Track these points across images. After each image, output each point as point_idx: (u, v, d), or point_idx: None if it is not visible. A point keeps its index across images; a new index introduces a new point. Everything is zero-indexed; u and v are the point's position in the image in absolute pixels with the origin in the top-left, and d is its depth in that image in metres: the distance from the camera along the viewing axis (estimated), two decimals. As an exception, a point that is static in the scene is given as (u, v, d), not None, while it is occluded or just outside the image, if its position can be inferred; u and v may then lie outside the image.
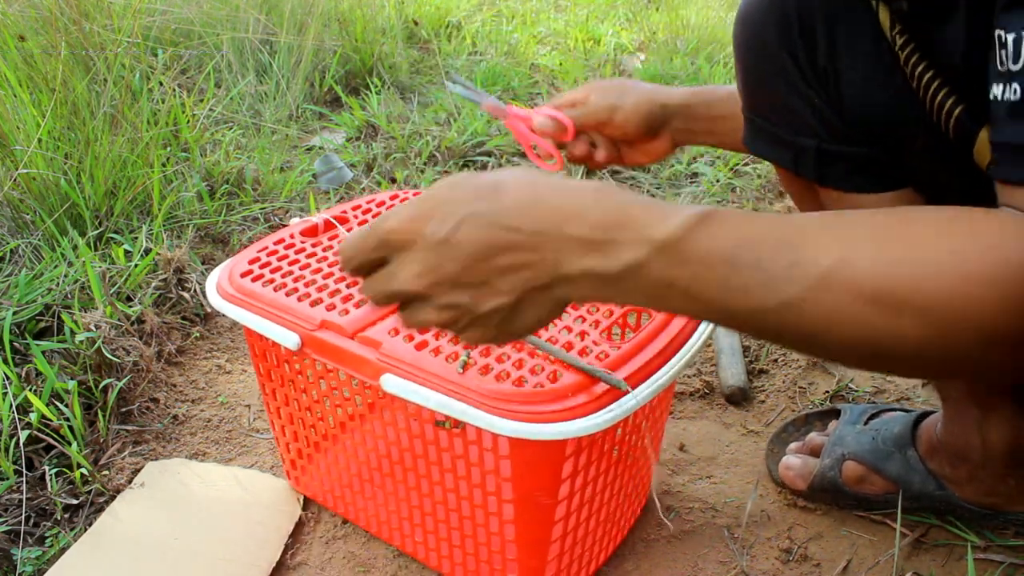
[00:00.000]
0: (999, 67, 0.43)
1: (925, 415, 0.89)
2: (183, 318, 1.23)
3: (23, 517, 0.88)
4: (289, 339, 0.72)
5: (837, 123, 0.67)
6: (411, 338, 0.68)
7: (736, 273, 0.41)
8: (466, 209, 0.43)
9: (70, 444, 0.95)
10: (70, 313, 1.07)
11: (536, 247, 0.42)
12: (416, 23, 2.49)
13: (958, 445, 0.83)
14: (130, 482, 0.94)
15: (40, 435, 0.94)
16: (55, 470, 0.93)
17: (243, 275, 0.78)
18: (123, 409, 1.05)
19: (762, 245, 0.41)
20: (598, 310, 0.74)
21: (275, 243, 0.84)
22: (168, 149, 1.51)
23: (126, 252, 1.24)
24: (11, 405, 0.94)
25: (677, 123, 0.84)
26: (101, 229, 1.31)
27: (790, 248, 0.41)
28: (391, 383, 0.65)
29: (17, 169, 1.24)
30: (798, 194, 0.79)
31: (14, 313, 1.08)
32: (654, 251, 0.41)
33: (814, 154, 0.69)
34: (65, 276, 1.17)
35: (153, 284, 1.21)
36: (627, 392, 0.62)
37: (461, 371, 0.63)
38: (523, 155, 1.87)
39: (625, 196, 0.43)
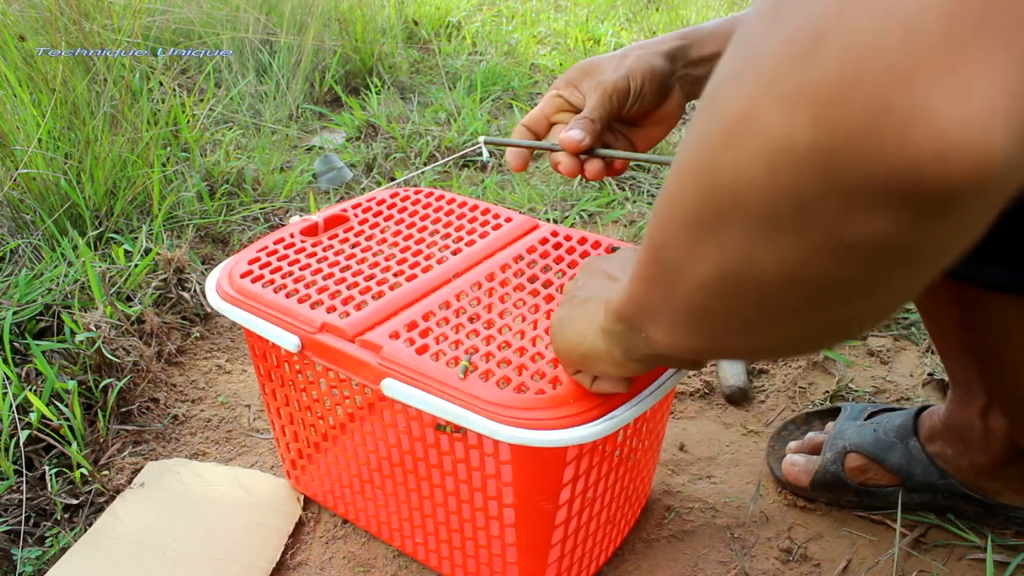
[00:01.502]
0: None
1: (926, 407, 0.89)
2: (183, 318, 1.23)
3: (23, 517, 0.88)
4: (289, 342, 0.71)
5: None
6: (412, 342, 0.68)
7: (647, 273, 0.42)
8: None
9: (70, 444, 0.95)
10: (70, 313, 1.07)
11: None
12: (416, 23, 2.49)
13: (960, 426, 0.83)
14: (130, 482, 0.94)
15: (40, 435, 0.94)
16: (55, 470, 0.93)
17: (243, 275, 0.78)
18: (123, 409, 1.05)
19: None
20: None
21: (275, 243, 0.84)
22: (168, 149, 1.51)
23: (126, 252, 1.24)
24: (11, 405, 0.94)
25: (680, 70, 0.71)
26: (101, 229, 1.31)
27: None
28: (392, 388, 0.65)
29: (17, 169, 1.24)
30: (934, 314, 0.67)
31: (14, 313, 1.08)
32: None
33: None
34: (65, 276, 1.17)
35: (153, 284, 1.21)
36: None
37: (462, 376, 0.63)
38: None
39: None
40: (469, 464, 0.69)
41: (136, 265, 1.21)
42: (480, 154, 0.76)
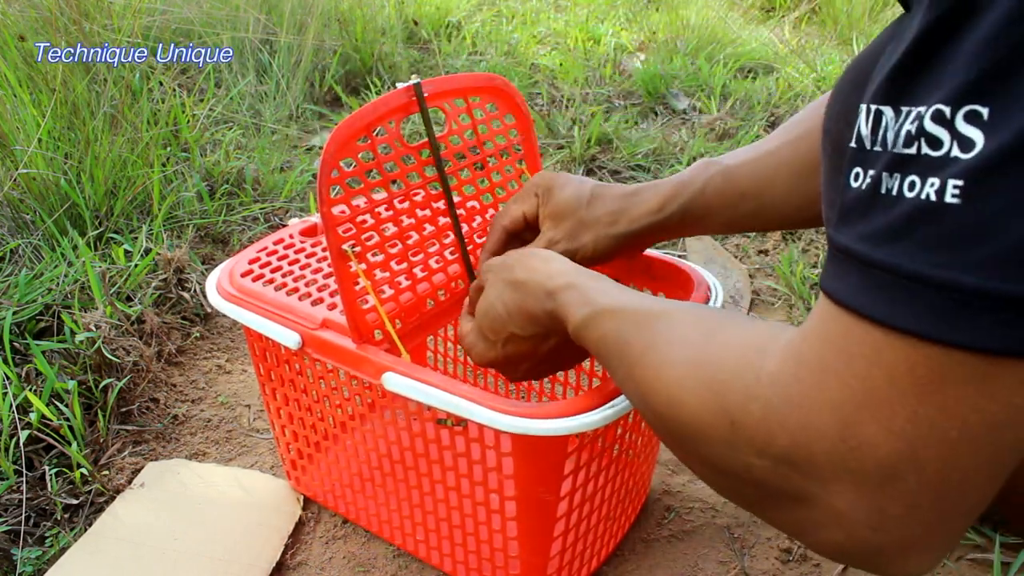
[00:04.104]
0: None
1: None
2: (183, 318, 1.23)
3: (23, 517, 0.88)
4: (289, 338, 0.72)
5: None
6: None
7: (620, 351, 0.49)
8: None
9: (70, 444, 0.94)
10: (70, 313, 1.07)
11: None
12: (416, 23, 2.49)
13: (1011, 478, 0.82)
14: (130, 482, 0.94)
15: (40, 435, 0.94)
16: (55, 470, 0.93)
17: (243, 275, 0.78)
18: (123, 409, 1.05)
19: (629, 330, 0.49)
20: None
21: (275, 243, 0.84)
22: (168, 149, 1.51)
23: (126, 252, 1.24)
24: (11, 405, 0.94)
25: (645, 242, 0.73)
26: (101, 229, 1.31)
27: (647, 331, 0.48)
28: (393, 381, 0.65)
29: (17, 169, 1.24)
30: None
31: (14, 313, 1.08)
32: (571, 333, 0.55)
33: None
34: (65, 276, 1.17)
35: (153, 284, 1.21)
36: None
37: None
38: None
39: (568, 284, 0.56)
40: (470, 458, 0.69)
41: (136, 265, 1.21)
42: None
